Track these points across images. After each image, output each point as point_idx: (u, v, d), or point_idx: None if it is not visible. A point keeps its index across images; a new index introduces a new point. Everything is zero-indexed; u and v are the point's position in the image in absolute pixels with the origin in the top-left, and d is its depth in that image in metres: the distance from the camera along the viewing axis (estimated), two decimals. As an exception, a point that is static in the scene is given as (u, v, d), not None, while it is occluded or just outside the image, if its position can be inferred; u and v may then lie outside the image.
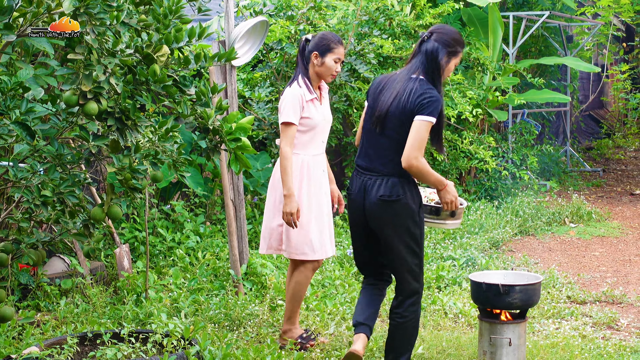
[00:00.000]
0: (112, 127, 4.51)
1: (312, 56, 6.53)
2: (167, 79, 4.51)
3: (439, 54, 5.58)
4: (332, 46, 6.51)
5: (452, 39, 5.63)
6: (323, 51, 6.51)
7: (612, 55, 20.81)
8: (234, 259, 7.74)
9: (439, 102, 5.46)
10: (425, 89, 5.49)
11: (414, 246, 5.66)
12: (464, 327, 7.18)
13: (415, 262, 5.69)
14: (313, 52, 6.53)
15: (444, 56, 5.60)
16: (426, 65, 5.60)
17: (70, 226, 4.76)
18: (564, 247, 10.45)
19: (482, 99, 12.28)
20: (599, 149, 19.42)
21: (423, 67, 5.61)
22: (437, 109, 5.45)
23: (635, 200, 13.92)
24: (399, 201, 5.56)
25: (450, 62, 5.66)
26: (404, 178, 5.57)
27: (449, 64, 5.65)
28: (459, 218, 5.92)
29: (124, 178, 4.60)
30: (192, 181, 9.08)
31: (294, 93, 6.45)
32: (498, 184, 12.72)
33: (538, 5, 16.16)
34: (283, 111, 6.41)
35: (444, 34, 5.64)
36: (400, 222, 5.59)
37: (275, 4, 9.69)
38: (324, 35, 6.58)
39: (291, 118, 6.37)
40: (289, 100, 6.42)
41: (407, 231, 5.62)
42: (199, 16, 4.96)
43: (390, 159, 5.58)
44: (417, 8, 11.39)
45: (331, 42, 6.52)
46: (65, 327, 6.67)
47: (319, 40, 6.54)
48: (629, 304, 7.99)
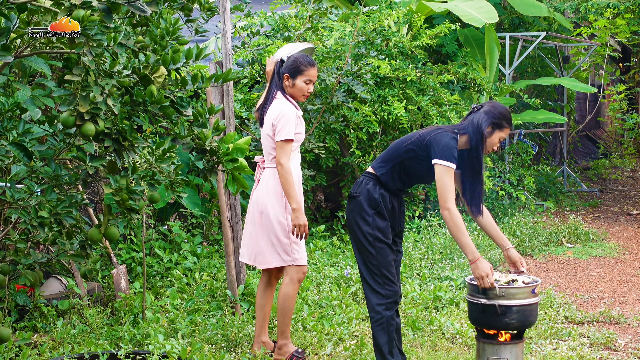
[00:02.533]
0: (110, 148, 4.51)
1: (283, 77, 6.69)
2: (164, 100, 4.52)
3: (483, 124, 5.81)
4: (302, 68, 6.66)
5: (499, 113, 5.85)
6: (293, 73, 6.67)
7: (608, 75, 20.86)
8: (231, 280, 7.74)
9: (453, 149, 5.73)
10: (446, 136, 5.79)
11: (369, 247, 5.92)
12: (462, 348, 7.17)
13: (373, 262, 5.92)
14: (284, 74, 6.68)
15: (488, 126, 5.83)
16: (470, 130, 5.85)
17: (67, 247, 4.76)
18: (561, 268, 10.44)
19: (479, 120, 12.29)
20: (595, 169, 19.43)
21: (465, 130, 5.87)
22: (453, 155, 5.71)
23: (632, 220, 13.92)
24: (354, 198, 5.97)
25: (494, 135, 5.86)
26: (374, 180, 6.00)
27: (492, 135, 5.86)
28: (519, 298, 5.76)
29: (121, 199, 4.60)
30: (189, 202, 9.08)
31: (290, 110, 6.57)
32: (495, 204, 12.73)
33: (534, 26, 16.23)
34: (284, 128, 6.49)
35: (492, 107, 5.89)
36: (350, 218, 6.04)
37: (273, 25, 9.72)
38: (295, 58, 6.70)
39: (292, 135, 6.50)
40: (289, 117, 6.54)
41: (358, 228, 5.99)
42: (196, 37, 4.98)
43: (377, 162, 6.03)
44: (414, 29, 11.42)
45: (301, 64, 6.67)
46: (62, 348, 6.65)
47: (290, 63, 6.69)
48: (627, 324, 7.98)
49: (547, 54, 17.07)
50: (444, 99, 11.16)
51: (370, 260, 5.91)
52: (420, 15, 11.49)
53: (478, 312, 5.86)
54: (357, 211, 5.94)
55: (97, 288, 7.85)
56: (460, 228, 5.61)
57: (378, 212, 5.91)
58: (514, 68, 14.46)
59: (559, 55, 16.77)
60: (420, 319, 7.66)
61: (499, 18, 13.45)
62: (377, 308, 5.93)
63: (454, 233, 5.63)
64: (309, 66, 6.68)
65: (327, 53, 9.73)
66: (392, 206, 5.99)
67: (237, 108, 9.53)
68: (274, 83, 6.73)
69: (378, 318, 5.94)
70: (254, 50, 9.23)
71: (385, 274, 5.90)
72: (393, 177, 5.95)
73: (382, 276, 5.90)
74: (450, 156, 5.67)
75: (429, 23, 13.17)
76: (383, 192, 5.93)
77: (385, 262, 5.91)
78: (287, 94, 6.70)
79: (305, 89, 6.69)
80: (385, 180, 5.94)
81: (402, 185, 6.00)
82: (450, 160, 5.67)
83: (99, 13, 4.20)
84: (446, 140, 5.71)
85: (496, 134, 5.85)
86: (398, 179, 5.96)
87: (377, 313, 5.93)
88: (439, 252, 10.12)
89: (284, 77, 6.68)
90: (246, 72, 10.00)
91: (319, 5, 9.27)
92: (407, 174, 5.96)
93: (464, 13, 12.30)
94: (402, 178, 5.97)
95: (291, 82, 6.66)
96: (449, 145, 5.70)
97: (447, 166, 5.66)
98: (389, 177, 5.94)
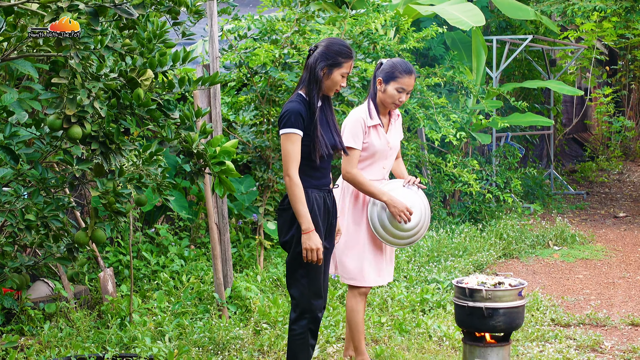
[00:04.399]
0: (96, 151, 4.51)
1: (376, 81, 6.35)
2: (151, 103, 4.52)
3: (317, 68, 5.59)
4: (396, 74, 6.27)
5: (333, 52, 5.60)
6: (387, 78, 6.29)
7: (595, 78, 20.93)
8: (218, 283, 7.73)
9: (293, 113, 5.48)
10: (289, 103, 5.55)
11: (294, 264, 5.62)
12: (449, 350, 7.18)
13: (302, 272, 5.62)
14: (378, 77, 6.35)
15: (323, 68, 5.59)
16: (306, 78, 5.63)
17: (54, 250, 4.76)
18: (548, 270, 10.46)
19: (466, 123, 12.33)
20: (582, 172, 19.49)
21: (304, 81, 5.65)
22: (290, 120, 5.46)
23: (618, 223, 13.96)
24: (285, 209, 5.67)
25: (333, 74, 5.60)
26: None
27: (330, 75, 5.61)
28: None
29: (108, 202, 4.60)
30: (176, 205, 9.07)
31: (355, 117, 6.30)
32: (482, 206, 12.75)
33: (521, 29, 16.27)
34: (343, 136, 6.20)
35: (325, 48, 5.64)
36: (280, 225, 5.72)
37: (260, 28, 9.70)
38: (393, 63, 6.34)
39: (351, 143, 6.19)
40: (349, 125, 6.28)
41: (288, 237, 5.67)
42: (183, 40, 4.97)
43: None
44: (401, 32, 11.43)
45: (397, 70, 6.28)
46: (49, 351, 6.64)
47: (387, 67, 6.33)
48: (613, 326, 8.00)
49: (534, 57, 17.12)
50: (431, 102, 11.18)
51: (298, 269, 5.69)
52: (407, 18, 11.50)
53: (465, 314, 5.88)
54: (286, 219, 5.71)
55: (84, 291, 7.84)
56: (298, 196, 5.42)
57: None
58: (501, 71, 14.49)
59: (546, 58, 16.81)
60: (407, 321, 7.67)
61: (486, 21, 13.48)
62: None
63: (292, 201, 5.45)
64: (405, 74, 6.28)
65: (315, 56, 9.72)
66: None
67: (224, 111, 9.52)
68: (370, 89, 6.44)
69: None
70: (241, 53, 9.20)
71: (311, 283, 5.69)
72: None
73: (308, 285, 5.69)
74: (288, 122, 5.45)
75: (416, 26, 13.20)
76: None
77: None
78: (377, 99, 6.39)
79: (396, 97, 6.28)
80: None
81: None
82: (288, 125, 5.45)
83: (85, 16, 4.20)
84: (288, 107, 5.51)
85: (335, 72, 5.59)
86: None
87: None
88: (426, 254, 10.13)
89: (377, 81, 6.34)
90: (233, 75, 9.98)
91: (306, 9, 9.25)
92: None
93: (451, 16, 12.32)
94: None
95: (383, 87, 6.30)
96: (289, 111, 5.47)
97: (287, 132, 5.45)
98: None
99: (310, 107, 5.56)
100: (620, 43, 20.73)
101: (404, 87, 6.27)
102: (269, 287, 8.47)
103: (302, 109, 5.51)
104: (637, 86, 22.96)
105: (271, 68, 9.16)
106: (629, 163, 21.94)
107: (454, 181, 11.99)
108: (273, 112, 9.37)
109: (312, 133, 5.53)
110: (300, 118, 5.48)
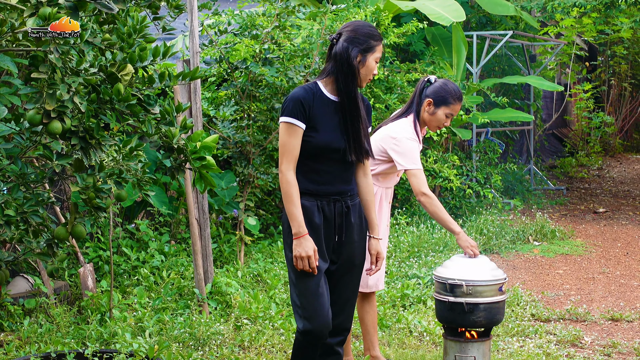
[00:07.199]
0: (76, 146, 4.49)
1: (425, 101, 6.23)
2: (131, 98, 4.50)
3: (351, 55, 4.97)
4: (450, 101, 6.18)
5: (363, 35, 5.00)
6: (439, 102, 6.22)
7: (575, 74, 20.99)
8: (199, 278, 7.72)
9: (293, 101, 4.92)
10: (294, 91, 5.00)
11: (290, 272, 5.09)
12: (429, 346, 7.19)
13: (295, 291, 5.05)
14: (428, 98, 6.22)
15: (357, 55, 4.99)
16: (335, 69, 5.03)
17: (34, 245, 4.74)
18: (528, 265, 10.49)
19: (447, 118, 12.35)
20: (562, 168, 19.56)
21: (328, 72, 5.07)
22: (288, 107, 4.93)
23: (598, 218, 14.01)
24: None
25: (368, 60, 5.02)
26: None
27: (365, 62, 5.01)
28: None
29: (88, 197, 4.58)
30: (156, 200, 9.05)
31: (408, 136, 6.13)
32: (462, 202, 12.78)
33: (501, 25, 16.30)
34: (407, 157, 6.07)
35: (353, 33, 5.01)
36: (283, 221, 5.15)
37: (240, 23, 9.69)
38: (448, 88, 6.22)
39: (418, 164, 6.07)
40: (408, 146, 6.10)
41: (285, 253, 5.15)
42: (164, 35, 4.96)
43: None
44: (382, 27, 11.43)
45: (451, 96, 6.19)
46: (28, 347, 6.62)
47: (440, 90, 6.22)
48: (593, 321, 8.03)
49: (514, 53, 17.17)
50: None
51: (292, 288, 5.17)
52: (387, 13, 11.49)
53: (445, 309, 5.88)
54: (285, 232, 5.12)
55: (64, 287, 7.81)
56: (289, 194, 4.88)
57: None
58: (481, 67, 14.52)
59: (526, 54, 16.86)
60: (387, 317, 7.68)
61: (466, 17, 13.52)
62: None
63: (283, 199, 4.90)
64: (457, 101, 6.20)
65: (295, 51, 9.71)
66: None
67: (205, 106, 9.50)
68: (414, 102, 6.29)
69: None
70: (221, 49, 9.19)
71: (306, 303, 5.06)
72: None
73: (303, 307, 5.04)
74: (285, 110, 4.92)
75: (396, 21, 13.20)
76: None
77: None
78: (421, 118, 6.29)
79: (443, 121, 6.22)
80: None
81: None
82: (285, 114, 4.93)
83: (65, 11, 4.18)
84: (291, 95, 4.95)
85: (369, 58, 5.00)
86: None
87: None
88: (407, 250, 10.14)
89: (426, 102, 6.21)
90: (214, 70, 9.98)
91: (286, 4, 9.25)
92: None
93: (431, 12, 12.35)
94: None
95: (432, 109, 6.20)
96: (289, 98, 4.94)
97: (282, 121, 4.93)
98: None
99: (319, 98, 4.98)
100: (599, 39, 20.80)
101: (453, 114, 6.24)
102: (250, 283, 8.46)
103: (306, 96, 4.95)
104: (616, 82, 23.05)
105: (252, 63, 9.16)
106: (608, 159, 22.03)
107: (434, 177, 12.00)
108: (253, 107, 9.36)
109: (316, 128, 4.96)
110: (300, 106, 4.90)
